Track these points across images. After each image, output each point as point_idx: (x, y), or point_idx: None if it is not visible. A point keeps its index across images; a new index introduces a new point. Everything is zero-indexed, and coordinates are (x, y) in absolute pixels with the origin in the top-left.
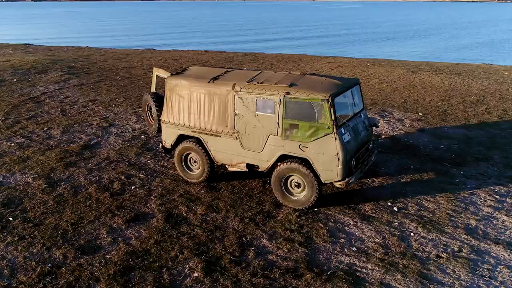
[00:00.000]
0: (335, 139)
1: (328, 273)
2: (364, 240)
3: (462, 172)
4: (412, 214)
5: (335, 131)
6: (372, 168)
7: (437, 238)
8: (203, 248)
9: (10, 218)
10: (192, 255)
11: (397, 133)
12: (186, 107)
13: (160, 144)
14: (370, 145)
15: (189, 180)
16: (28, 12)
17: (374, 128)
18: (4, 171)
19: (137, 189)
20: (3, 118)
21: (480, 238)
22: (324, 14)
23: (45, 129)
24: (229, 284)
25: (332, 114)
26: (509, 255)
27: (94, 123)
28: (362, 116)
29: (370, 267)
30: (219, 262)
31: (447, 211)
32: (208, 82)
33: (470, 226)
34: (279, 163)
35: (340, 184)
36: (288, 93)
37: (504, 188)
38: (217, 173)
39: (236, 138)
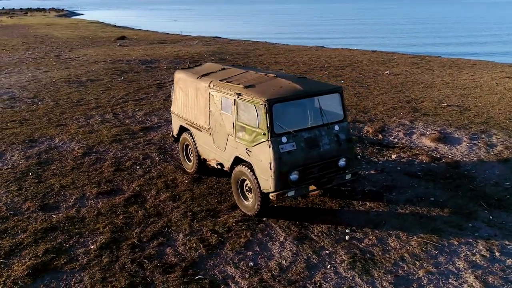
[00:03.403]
0: (269, 147)
1: (196, 277)
2: (272, 259)
3: (491, 217)
4: (358, 248)
5: (269, 138)
6: (381, 191)
7: (350, 277)
8: (125, 228)
9: (30, 173)
10: (108, 231)
11: (466, 159)
12: (184, 100)
13: (171, 133)
14: (342, 162)
15: (186, 169)
16: (258, 8)
17: (440, 149)
18: (67, 138)
19: (139, 170)
20: (119, 97)
21: None
22: None
23: (136, 110)
24: (105, 261)
25: (268, 120)
26: None
27: None
28: (337, 128)
29: (242, 283)
30: (121, 242)
31: (405, 253)
32: (197, 78)
33: (409, 277)
34: (236, 165)
35: (272, 196)
36: (239, 94)
37: None
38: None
39: (210, 134)
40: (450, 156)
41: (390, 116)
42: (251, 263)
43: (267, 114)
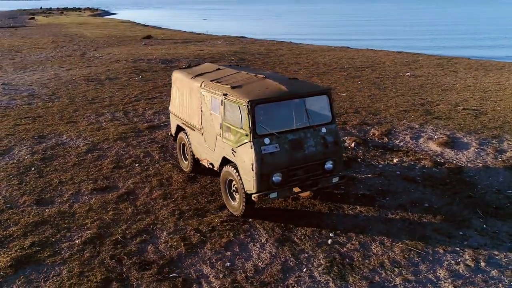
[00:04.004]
0: (251, 148)
1: (170, 275)
2: (250, 260)
3: (485, 226)
4: (338, 252)
5: (251, 139)
6: (374, 195)
7: (324, 282)
8: (112, 224)
9: (33, 169)
10: (95, 227)
11: (471, 165)
12: (180, 100)
13: (170, 132)
14: (329, 165)
15: (182, 168)
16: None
17: (452, 155)
18: (75, 135)
19: (137, 167)
20: (133, 96)
21: None
22: None
23: (146, 108)
24: (86, 256)
25: (250, 121)
26: None
27: None
28: (324, 130)
29: (215, 283)
30: (105, 238)
31: (386, 260)
32: (191, 78)
33: (385, 284)
34: (224, 166)
35: (254, 198)
36: (225, 94)
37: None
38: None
39: (202, 134)
40: (454, 162)
41: (400, 119)
42: (227, 264)
43: (250, 115)
